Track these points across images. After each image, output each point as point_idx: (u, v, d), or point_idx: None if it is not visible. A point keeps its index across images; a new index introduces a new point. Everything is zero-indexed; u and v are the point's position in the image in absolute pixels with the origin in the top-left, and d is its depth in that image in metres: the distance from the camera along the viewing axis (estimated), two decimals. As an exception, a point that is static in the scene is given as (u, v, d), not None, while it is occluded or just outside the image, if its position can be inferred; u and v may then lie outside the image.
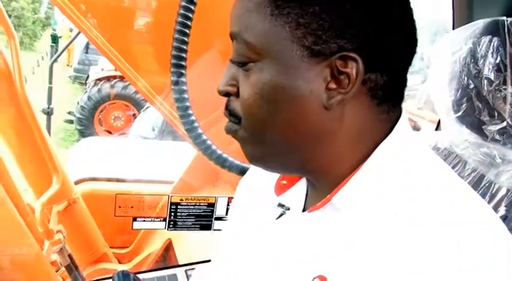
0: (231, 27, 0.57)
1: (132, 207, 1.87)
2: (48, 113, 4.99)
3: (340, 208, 0.54)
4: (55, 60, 5.28)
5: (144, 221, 1.47)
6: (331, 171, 0.56)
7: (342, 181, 0.55)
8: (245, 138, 0.58)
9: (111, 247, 2.19)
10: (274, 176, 0.67)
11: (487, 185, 0.94)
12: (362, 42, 0.51)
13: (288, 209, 0.63)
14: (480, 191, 0.94)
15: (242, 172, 1.37)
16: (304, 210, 0.62)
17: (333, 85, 0.52)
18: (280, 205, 0.64)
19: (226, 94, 0.58)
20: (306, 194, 0.63)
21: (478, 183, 0.94)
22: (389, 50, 0.53)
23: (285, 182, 0.65)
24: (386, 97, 0.55)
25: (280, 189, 0.65)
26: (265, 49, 0.53)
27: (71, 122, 7.12)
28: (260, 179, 0.72)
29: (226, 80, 0.58)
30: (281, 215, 0.64)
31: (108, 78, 6.85)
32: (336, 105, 0.53)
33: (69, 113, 7.19)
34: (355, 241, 0.52)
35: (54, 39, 8.21)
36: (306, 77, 0.52)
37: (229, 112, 0.58)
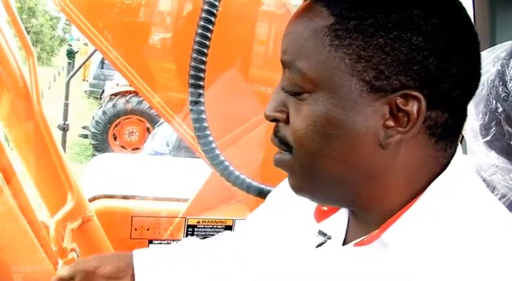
0: (283, 55, 0.54)
1: (148, 229, 1.84)
2: (64, 129, 5.02)
3: (389, 244, 0.51)
4: (71, 77, 5.33)
5: (160, 243, 1.45)
6: (380, 205, 0.54)
7: (391, 216, 0.52)
8: (294, 169, 0.56)
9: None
10: None
11: (517, 212, 0.90)
12: (425, 80, 0.48)
13: (329, 238, 0.61)
14: (510, 219, 0.90)
15: (260, 193, 1.35)
16: (345, 239, 0.59)
17: (391, 123, 0.49)
18: (321, 233, 0.62)
19: (274, 120, 0.56)
20: (347, 222, 0.61)
21: (508, 209, 0.90)
22: (453, 87, 0.50)
23: (325, 208, 0.63)
24: (445, 134, 0.52)
25: (320, 215, 0.63)
26: (322, 80, 0.50)
27: (85, 136, 7.17)
28: (298, 199, 0.69)
29: (274, 105, 0.55)
30: (321, 243, 0.61)
31: (123, 94, 6.90)
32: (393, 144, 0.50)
33: (84, 127, 7.24)
34: (403, 279, 0.49)
35: (70, 54, 8.33)
36: (363, 113, 0.49)
37: (279, 140, 0.55)
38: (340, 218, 0.61)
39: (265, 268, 0.70)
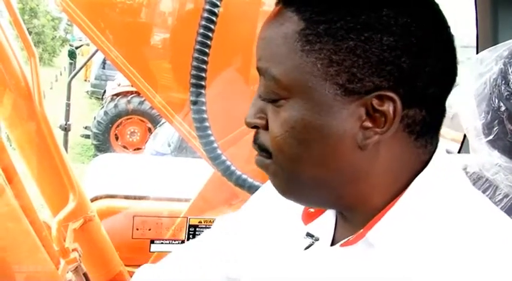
0: (257, 62, 0.54)
1: (149, 229, 1.84)
2: (66, 129, 5.02)
3: (374, 244, 0.51)
4: (73, 77, 5.34)
5: (162, 243, 1.45)
6: (364, 205, 0.54)
7: (376, 214, 0.52)
8: (276, 173, 0.56)
9: (126, 265, 2.16)
10: None
11: (520, 211, 0.90)
12: (399, 79, 0.48)
13: (317, 239, 0.61)
14: (513, 218, 0.90)
15: (261, 193, 1.35)
16: (333, 240, 0.60)
17: (368, 124, 0.49)
18: (309, 235, 0.62)
19: (254, 126, 0.56)
20: (335, 223, 0.61)
21: (510, 209, 0.90)
22: (428, 84, 0.49)
23: (312, 210, 0.63)
24: (424, 131, 0.52)
25: (308, 217, 0.63)
26: (296, 86, 0.50)
27: (87, 136, 7.17)
28: (285, 202, 0.69)
29: (253, 112, 0.56)
30: (309, 245, 0.61)
31: (124, 94, 6.90)
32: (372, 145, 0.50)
33: (86, 128, 7.25)
34: (390, 278, 0.49)
35: (72, 54, 8.32)
36: (339, 117, 0.49)
37: (259, 146, 0.56)
38: (328, 219, 0.61)
39: (255, 271, 0.70)
